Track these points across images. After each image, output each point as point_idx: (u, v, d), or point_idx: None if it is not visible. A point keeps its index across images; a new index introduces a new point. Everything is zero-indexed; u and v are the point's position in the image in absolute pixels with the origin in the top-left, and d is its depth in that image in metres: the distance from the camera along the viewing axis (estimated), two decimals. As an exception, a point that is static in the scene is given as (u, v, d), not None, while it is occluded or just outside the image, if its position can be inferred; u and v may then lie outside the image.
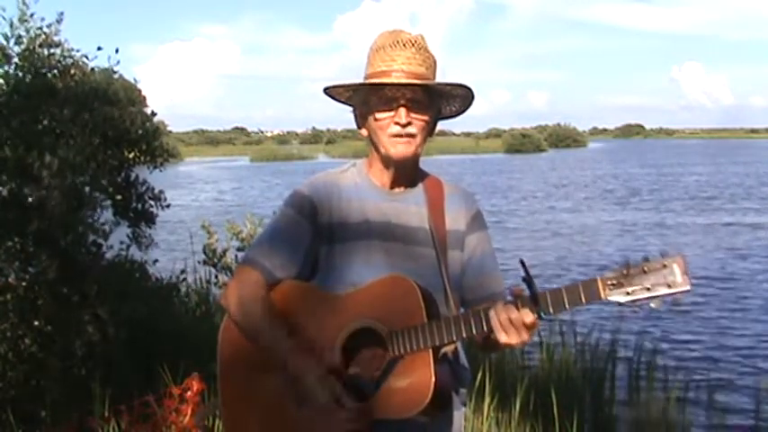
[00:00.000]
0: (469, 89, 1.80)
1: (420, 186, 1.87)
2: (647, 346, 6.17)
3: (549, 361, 5.28)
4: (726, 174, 32.38)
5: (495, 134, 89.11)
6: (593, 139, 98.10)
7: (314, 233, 1.80)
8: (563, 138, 74.42)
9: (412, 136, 1.76)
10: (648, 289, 1.48)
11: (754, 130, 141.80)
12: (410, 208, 1.83)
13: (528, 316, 1.55)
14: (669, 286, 1.47)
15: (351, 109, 1.88)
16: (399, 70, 1.74)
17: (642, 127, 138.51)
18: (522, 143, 62.98)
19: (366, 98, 1.79)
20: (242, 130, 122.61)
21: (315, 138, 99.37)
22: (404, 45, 1.76)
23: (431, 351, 1.64)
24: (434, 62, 1.80)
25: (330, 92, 1.85)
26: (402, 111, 1.74)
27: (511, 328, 1.57)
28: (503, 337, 1.58)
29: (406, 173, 1.84)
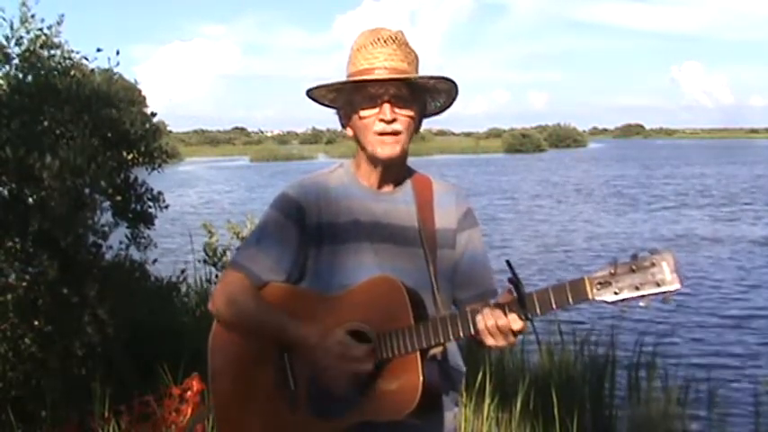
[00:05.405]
0: (453, 82, 1.79)
1: (409, 185, 1.86)
2: (647, 346, 6.17)
3: (550, 361, 5.27)
4: (732, 175, 32.21)
5: (495, 134, 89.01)
6: (594, 140, 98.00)
7: (301, 236, 1.78)
8: (563, 138, 74.35)
9: (397, 133, 1.74)
10: (637, 288, 1.46)
11: (754, 130, 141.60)
12: (399, 207, 1.82)
13: (516, 323, 1.55)
14: (658, 285, 1.45)
15: (335, 110, 1.86)
16: (382, 67, 1.73)
17: (642, 127, 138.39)
18: (521, 143, 62.93)
19: (350, 97, 1.78)
20: (242, 130, 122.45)
21: (315, 138, 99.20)
22: (384, 42, 1.75)
23: (419, 353, 1.64)
24: (416, 57, 1.79)
25: (313, 94, 1.83)
26: (386, 107, 1.72)
27: (498, 333, 1.57)
28: (489, 341, 1.58)
29: (394, 171, 1.83)
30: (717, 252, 12.79)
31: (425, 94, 1.82)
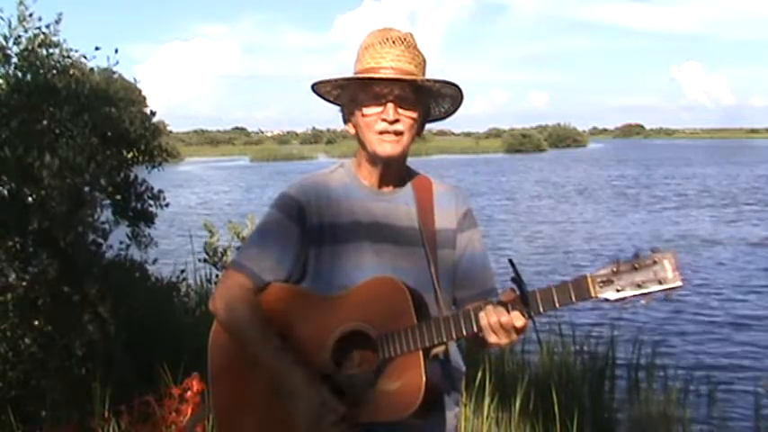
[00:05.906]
0: (458, 88, 1.79)
1: (409, 185, 1.86)
2: (647, 347, 6.17)
3: (549, 361, 5.27)
4: (733, 176, 32.14)
5: (495, 134, 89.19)
6: (594, 139, 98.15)
7: (303, 236, 1.78)
8: (563, 138, 74.46)
9: (399, 134, 1.75)
10: (639, 285, 1.46)
11: (754, 130, 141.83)
12: (399, 207, 1.83)
13: (518, 319, 1.55)
14: (660, 282, 1.45)
15: (339, 107, 1.86)
16: (389, 67, 1.73)
17: (642, 127, 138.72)
18: (521, 143, 63.04)
19: (354, 95, 1.78)
20: (242, 130, 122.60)
21: (315, 138, 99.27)
22: (393, 42, 1.76)
23: (421, 352, 1.64)
24: (424, 60, 1.80)
25: (318, 89, 1.83)
26: (390, 107, 1.73)
27: (500, 330, 1.57)
28: (492, 339, 1.58)
29: (394, 171, 1.83)
30: (717, 253, 12.78)
31: (430, 98, 1.83)
